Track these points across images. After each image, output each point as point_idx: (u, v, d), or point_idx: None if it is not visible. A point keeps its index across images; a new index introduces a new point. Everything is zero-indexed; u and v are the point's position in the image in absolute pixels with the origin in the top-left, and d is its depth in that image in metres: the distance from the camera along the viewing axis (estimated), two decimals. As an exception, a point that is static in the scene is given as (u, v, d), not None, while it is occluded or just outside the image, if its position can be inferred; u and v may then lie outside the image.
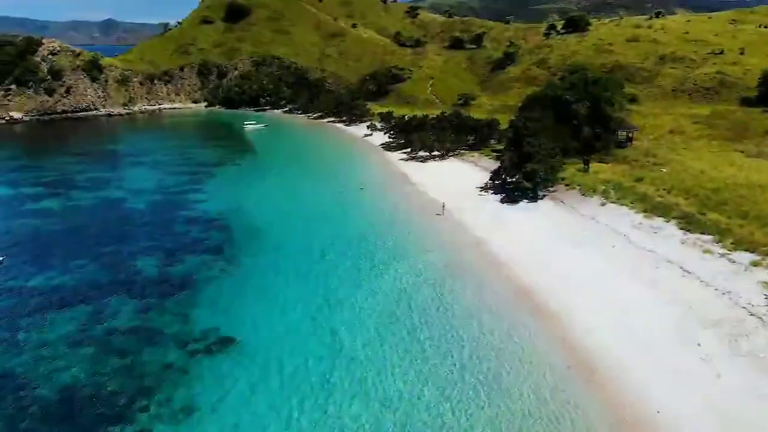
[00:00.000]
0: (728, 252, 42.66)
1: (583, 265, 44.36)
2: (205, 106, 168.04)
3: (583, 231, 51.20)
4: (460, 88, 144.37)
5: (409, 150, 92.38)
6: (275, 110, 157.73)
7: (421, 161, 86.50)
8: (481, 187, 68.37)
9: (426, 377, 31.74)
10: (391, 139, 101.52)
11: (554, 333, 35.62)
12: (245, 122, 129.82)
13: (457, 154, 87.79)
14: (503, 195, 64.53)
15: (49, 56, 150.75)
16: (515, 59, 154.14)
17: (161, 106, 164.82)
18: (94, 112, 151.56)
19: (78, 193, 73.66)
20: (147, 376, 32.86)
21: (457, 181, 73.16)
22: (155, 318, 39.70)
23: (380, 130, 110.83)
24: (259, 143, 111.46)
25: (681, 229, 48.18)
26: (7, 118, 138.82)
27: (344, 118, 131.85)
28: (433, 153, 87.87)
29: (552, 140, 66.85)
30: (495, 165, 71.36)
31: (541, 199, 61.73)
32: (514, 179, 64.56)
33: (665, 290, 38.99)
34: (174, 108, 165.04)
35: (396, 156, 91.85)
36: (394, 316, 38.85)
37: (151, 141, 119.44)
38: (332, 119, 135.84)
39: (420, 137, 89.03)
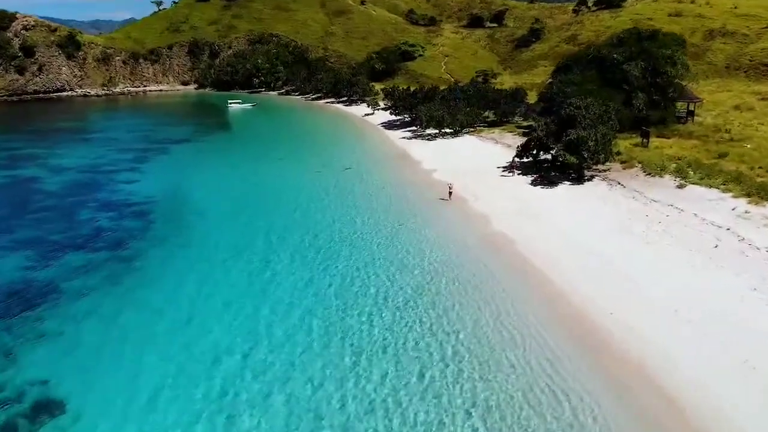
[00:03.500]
0: None
1: (672, 276, 27.33)
2: (195, 88, 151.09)
3: (660, 224, 33.99)
4: (479, 66, 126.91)
5: (414, 128, 75.55)
6: (270, 92, 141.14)
7: (428, 139, 69.49)
8: (505, 167, 51.30)
9: None
10: (394, 116, 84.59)
11: (642, 409, 18.70)
12: (229, 101, 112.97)
13: (473, 131, 70.68)
14: (535, 176, 47.35)
15: (23, 31, 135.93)
16: (541, 36, 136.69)
17: (146, 87, 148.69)
18: (70, 92, 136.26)
19: (-14, 172, 58.19)
20: None
21: (472, 160, 56.19)
22: (-39, 356, 23.66)
23: (383, 109, 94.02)
24: (238, 122, 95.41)
25: (813, 219, 31.49)
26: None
27: (344, 98, 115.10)
28: (443, 130, 70.78)
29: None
30: (521, 141, 54.34)
31: (589, 180, 44.50)
32: (550, 154, 47.21)
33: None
34: (160, 90, 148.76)
35: (398, 134, 74.90)
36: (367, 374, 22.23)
37: (115, 119, 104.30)
38: (331, 99, 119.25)
39: (427, 110, 71.89)
